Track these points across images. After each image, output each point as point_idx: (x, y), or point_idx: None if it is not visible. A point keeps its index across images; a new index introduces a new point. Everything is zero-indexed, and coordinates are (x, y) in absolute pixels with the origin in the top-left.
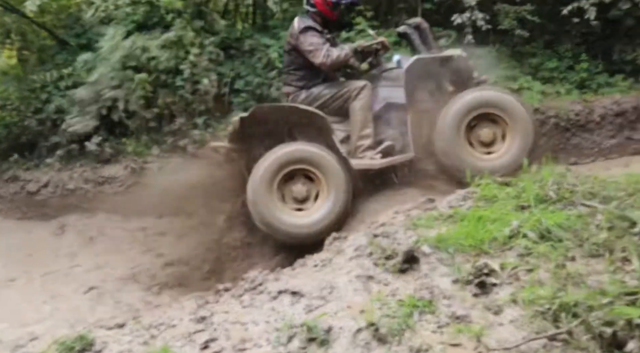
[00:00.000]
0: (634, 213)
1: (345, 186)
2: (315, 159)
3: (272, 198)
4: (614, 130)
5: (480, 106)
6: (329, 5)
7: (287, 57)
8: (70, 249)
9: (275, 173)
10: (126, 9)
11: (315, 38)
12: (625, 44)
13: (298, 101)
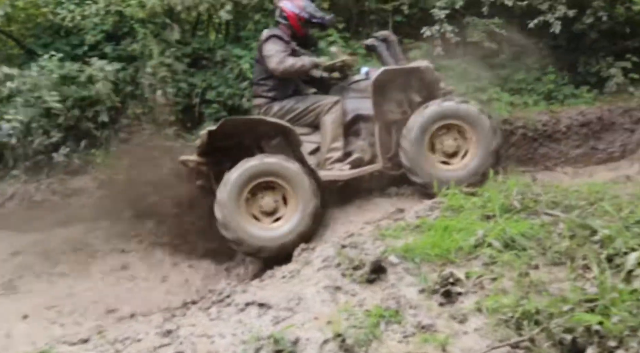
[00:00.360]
0: (595, 222)
1: (313, 198)
2: (282, 171)
3: (240, 211)
4: (580, 140)
5: (443, 117)
6: (300, 21)
7: (257, 67)
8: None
9: (242, 187)
10: (94, 19)
11: (276, 46)
12: (590, 57)
13: (270, 113)
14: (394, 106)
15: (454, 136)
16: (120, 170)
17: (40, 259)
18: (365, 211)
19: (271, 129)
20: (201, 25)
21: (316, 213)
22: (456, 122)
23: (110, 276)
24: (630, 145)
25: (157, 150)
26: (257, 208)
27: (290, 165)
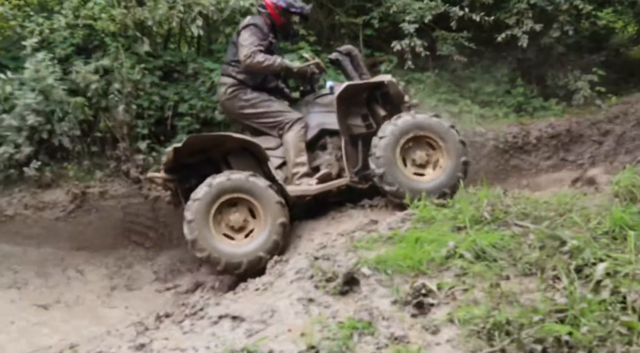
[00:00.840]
0: (564, 233)
1: (281, 213)
2: (249, 187)
3: (208, 227)
4: (550, 152)
5: (415, 128)
6: (278, 9)
7: (231, 49)
8: None
9: (210, 203)
10: (64, 32)
11: (252, 37)
12: (558, 70)
13: (236, 98)
14: (359, 120)
15: (424, 148)
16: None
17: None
18: (339, 223)
19: (237, 145)
20: (173, 39)
21: (284, 228)
22: (427, 134)
23: (85, 289)
24: (598, 156)
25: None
26: (226, 225)
27: (257, 181)
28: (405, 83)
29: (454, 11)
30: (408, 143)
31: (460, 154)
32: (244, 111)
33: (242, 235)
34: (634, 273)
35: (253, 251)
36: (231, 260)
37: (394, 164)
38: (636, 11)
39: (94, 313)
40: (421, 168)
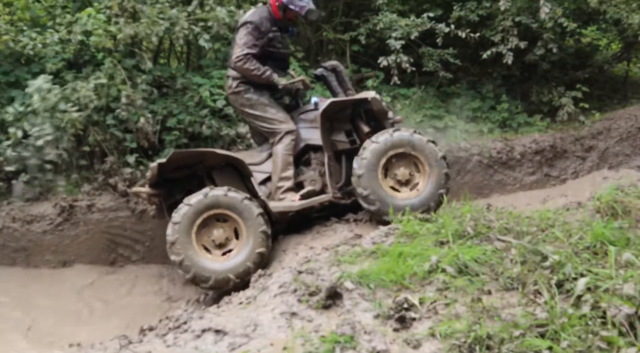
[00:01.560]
0: (545, 248)
1: (264, 229)
2: (232, 203)
3: (191, 243)
4: (534, 167)
5: (396, 146)
6: (277, 3)
7: (233, 44)
8: None
9: (192, 220)
10: (56, 47)
11: (248, 36)
12: (542, 87)
13: (243, 94)
14: (343, 135)
15: (406, 164)
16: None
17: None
18: (323, 237)
19: (221, 160)
20: (163, 54)
21: (267, 245)
22: (409, 151)
23: (71, 301)
24: (582, 172)
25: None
26: (209, 241)
27: (242, 197)
28: (392, 98)
29: (440, 28)
30: (390, 160)
31: (441, 169)
32: (244, 109)
33: (223, 250)
34: (614, 288)
35: (233, 268)
36: (211, 275)
37: (376, 183)
38: (619, 29)
39: (77, 325)
40: (403, 185)
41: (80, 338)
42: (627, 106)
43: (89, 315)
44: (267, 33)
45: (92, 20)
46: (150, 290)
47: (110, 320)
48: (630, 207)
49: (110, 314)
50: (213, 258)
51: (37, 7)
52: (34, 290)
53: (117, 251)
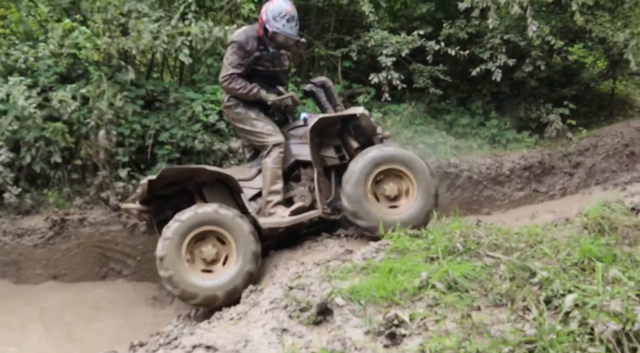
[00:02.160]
0: (534, 264)
1: (254, 246)
2: (222, 220)
3: (181, 260)
4: (522, 183)
5: (384, 162)
6: (261, 22)
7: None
8: None
9: (183, 236)
10: (48, 61)
11: (234, 56)
12: (530, 103)
13: (233, 109)
14: (332, 151)
15: (395, 180)
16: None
17: None
18: (315, 252)
19: (211, 177)
20: (156, 68)
21: (257, 261)
22: (396, 166)
23: (61, 315)
24: (570, 188)
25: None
26: (199, 258)
27: (231, 213)
28: (383, 114)
29: (430, 45)
30: (379, 176)
31: (430, 184)
32: (235, 123)
33: (214, 267)
34: (601, 305)
35: (223, 285)
36: (200, 292)
37: (365, 199)
38: (605, 47)
39: (69, 340)
40: (393, 201)
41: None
42: (613, 123)
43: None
44: (253, 52)
45: (79, 34)
46: (141, 304)
47: (99, 333)
48: (617, 223)
49: (98, 327)
50: (202, 274)
51: (30, 20)
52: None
53: (109, 265)
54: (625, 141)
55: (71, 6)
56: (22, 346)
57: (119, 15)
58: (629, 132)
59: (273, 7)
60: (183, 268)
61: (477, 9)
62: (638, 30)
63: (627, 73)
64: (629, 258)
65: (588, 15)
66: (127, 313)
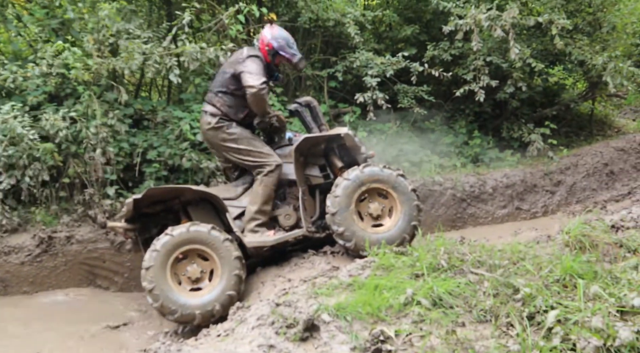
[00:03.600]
0: (517, 281)
1: (238, 273)
2: (212, 242)
3: (165, 279)
4: (505, 201)
5: (367, 182)
6: (268, 48)
7: (221, 79)
8: None
9: (171, 251)
10: (37, 80)
11: (259, 67)
12: (512, 123)
13: (225, 129)
14: (317, 170)
15: (378, 199)
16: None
17: None
18: (301, 269)
19: (197, 196)
20: (144, 87)
21: (240, 280)
22: (379, 186)
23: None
24: (551, 206)
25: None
26: (183, 276)
27: (216, 233)
28: (368, 133)
29: (415, 66)
30: (362, 195)
31: (412, 201)
32: (225, 143)
33: (199, 286)
34: (583, 321)
35: (206, 304)
36: (183, 311)
37: (350, 219)
38: (584, 69)
39: None
40: (377, 219)
41: None
42: (593, 142)
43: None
44: (265, 71)
45: (70, 54)
46: (128, 321)
47: (86, 350)
48: (598, 241)
49: (86, 344)
50: (183, 292)
51: (19, 40)
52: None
53: (96, 282)
54: (604, 160)
55: (60, 27)
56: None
57: (109, 36)
58: (608, 151)
59: (282, 34)
60: (166, 283)
61: (461, 32)
62: (615, 53)
63: (606, 95)
64: (610, 275)
65: (567, 39)
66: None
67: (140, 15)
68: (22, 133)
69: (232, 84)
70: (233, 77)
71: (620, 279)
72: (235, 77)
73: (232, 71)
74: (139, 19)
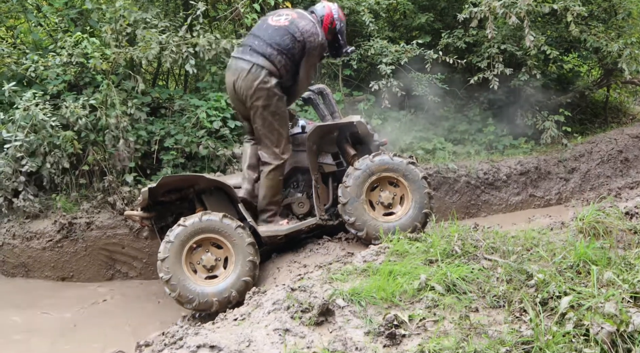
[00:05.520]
0: (530, 267)
1: (252, 259)
2: (225, 230)
3: (181, 268)
4: (519, 188)
5: (379, 170)
6: (331, 25)
7: (281, 36)
8: None
9: (185, 241)
10: (57, 69)
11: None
12: (526, 110)
13: (277, 99)
14: (330, 158)
15: (389, 187)
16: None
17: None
18: (316, 255)
19: (210, 184)
20: (162, 76)
21: (254, 269)
22: (390, 174)
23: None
24: (565, 193)
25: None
26: (199, 264)
27: (230, 222)
28: (382, 121)
29: (429, 54)
30: (373, 184)
31: (423, 189)
32: (264, 110)
33: (214, 274)
34: (596, 307)
35: (220, 292)
36: (199, 299)
37: (361, 208)
38: (599, 56)
39: (74, 341)
40: (388, 208)
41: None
42: (608, 129)
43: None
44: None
45: (88, 44)
46: (146, 306)
47: (105, 334)
48: (611, 227)
49: (105, 328)
50: (199, 280)
51: (39, 30)
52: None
53: (115, 267)
54: (619, 147)
55: (79, 17)
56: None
57: (127, 25)
58: (623, 139)
59: (343, 18)
60: (182, 272)
61: (475, 19)
62: (631, 40)
63: (621, 81)
64: (623, 261)
65: (583, 25)
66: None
67: (157, 4)
68: (43, 120)
69: (294, 48)
70: (296, 42)
71: (634, 265)
72: (300, 44)
73: (299, 35)
74: (155, 8)
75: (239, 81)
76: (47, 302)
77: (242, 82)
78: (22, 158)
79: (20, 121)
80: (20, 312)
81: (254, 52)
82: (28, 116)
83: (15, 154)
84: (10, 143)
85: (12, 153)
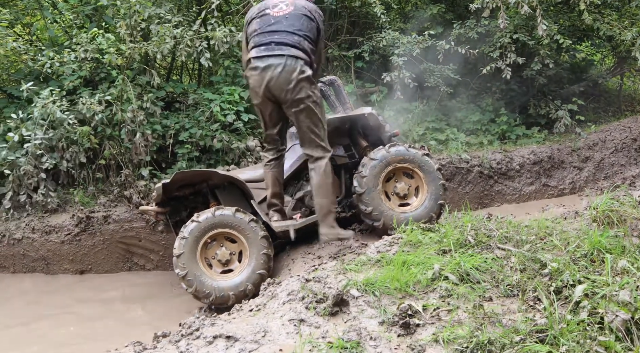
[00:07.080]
0: (544, 256)
1: (266, 252)
2: (238, 224)
3: (195, 259)
4: (532, 177)
5: (390, 162)
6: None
7: (302, 23)
8: None
9: (199, 236)
10: (73, 65)
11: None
12: (539, 100)
13: (314, 87)
14: (342, 151)
15: (404, 178)
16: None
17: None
18: (330, 246)
19: (223, 180)
20: (175, 71)
21: (269, 262)
22: (405, 165)
23: (85, 308)
24: (579, 182)
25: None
26: (214, 259)
27: (244, 216)
28: (395, 113)
29: (441, 45)
30: (389, 175)
31: (438, 180)
32: (306, 102)
33: (228, 267)
34: (610, 295)
35: (235, 286)
36: (214, 293)
37: (378, 199)
38: (612, 45)
39: (94, 332)
40: (403, 198)
41: (91, 343)
42: (621, 118)
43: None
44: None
45: (104, 40)
46: (163, 298)
47: (123, 326)
48: (626, 216)
49: (122, 320)
50: (214, 275)
51: (55, 27)
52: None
53: (132, 260)
54: (633, 135)
55: (93, 13)
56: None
57: (141, 21)
58: (637, 127)
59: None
60: (197, 268)
61: (487, 9)
62: None
63: (635, 70)
64: (638, 249)
65: (596, 14)
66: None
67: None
68: (61, 117)
69: (312, 29)
70: (311, 22)
71: None
72: (314, 24)
73: (310, 14)
74: (169, 3)
75: (274, 80)
76: (66, 295)
77: (277, 79)
78: (42, 155)
79: (39, 118)
80: (38, 304)
81: (282, 45)
82: (46, 113)
83: (35, 151)
84: (30, 142)
85: (32, 151)
